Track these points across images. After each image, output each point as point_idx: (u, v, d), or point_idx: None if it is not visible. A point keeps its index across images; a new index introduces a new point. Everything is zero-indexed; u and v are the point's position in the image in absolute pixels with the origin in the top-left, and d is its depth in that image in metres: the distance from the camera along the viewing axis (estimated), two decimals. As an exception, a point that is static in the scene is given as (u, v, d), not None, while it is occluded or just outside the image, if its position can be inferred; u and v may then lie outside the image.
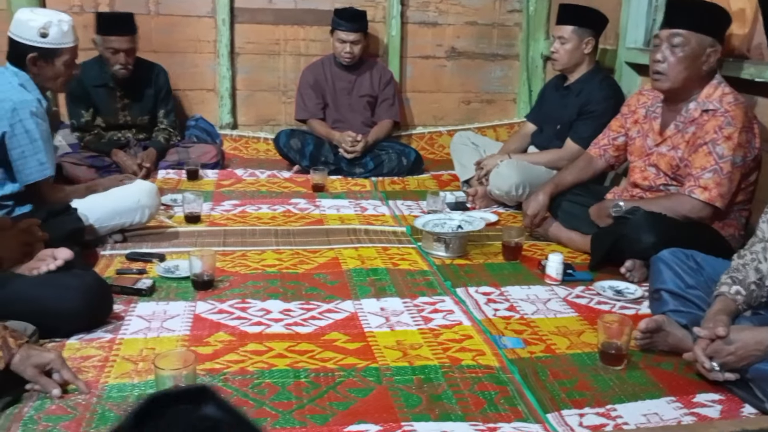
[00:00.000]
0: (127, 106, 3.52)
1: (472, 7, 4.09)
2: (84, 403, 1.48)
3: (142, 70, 3.51)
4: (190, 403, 0.64)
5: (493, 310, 2.07)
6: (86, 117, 3.45)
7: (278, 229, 2.73)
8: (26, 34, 2.35)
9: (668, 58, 2.24)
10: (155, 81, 3.59)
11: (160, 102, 3.62)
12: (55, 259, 1.83)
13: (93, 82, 3.40)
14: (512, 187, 2.94)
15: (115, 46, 3.32)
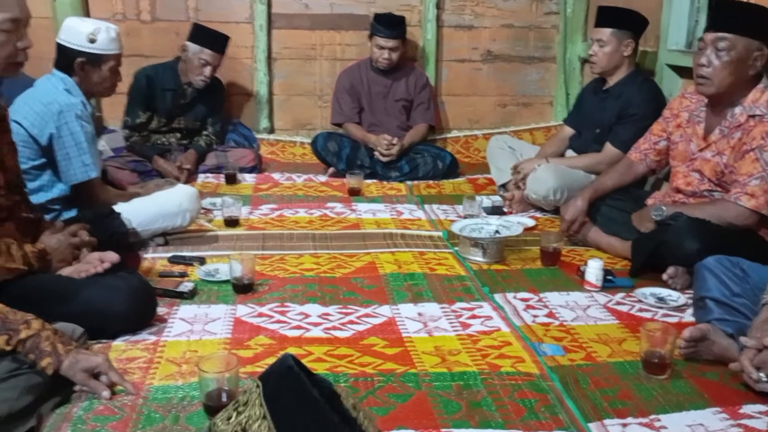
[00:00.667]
0: (185, 112, 3.62)
1: (509, 10, 4.06)
2: (130, 404, 1.51)
3: (209, 83, 3.59)
4: None
5: (531, 316, 2.05)
6: (141, 118, 3.54)
7: (315, 233, 2.75)
8: (75, 39, 2.43)
9: (713, 62, 2.19)
10: (215, 93, 3.70)
11: (213, 112, 3.71)
12: (102, 262, 1.88)
13: (164, 86, 3.52)
14: (550, 192, 2.91)
15: (208, 60, 3.47)
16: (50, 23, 3.68)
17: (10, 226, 1.81)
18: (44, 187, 2.42)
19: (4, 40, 1.68)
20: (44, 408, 1.46)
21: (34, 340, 1.47)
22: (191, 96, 3.59)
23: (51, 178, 2.43)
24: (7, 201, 1.81)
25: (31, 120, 2.34)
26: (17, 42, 1.71)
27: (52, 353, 1.47)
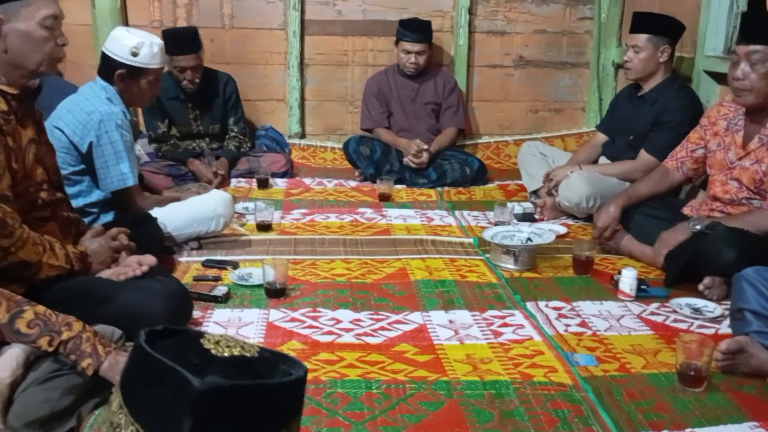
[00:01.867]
0: (199, 117, 3.65)
1: (542, 15, 4.04)
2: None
3: (210, 81, 3.62)
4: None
5: (564, 325, 2.03)
6: (162, 128, 3.60)
7: (346, 239, 2.77)
8: (118, 51, 2.48)
9: (749, 75, 2.17)
10: (223, 90, 3.70)
11: (230, 110, 3.73)
12: (141, 265, 1.92)
13: (167, 95, 3.53)
14: (582, 199, 2.89)
15: (182, 65, 3.45)
16: (90, 30, 3.78)
17: (53, 225, 1.86)
18: (83, 192, 2.48)
19: (47, 36, 1.73)
20: (84, 408, 1.50)
21: (75, 341, 1.50)
22: (198, 100, 3.59)
23: (89, 184, 2.49)
24: (49, 196, 1.85)
25: (73, 128, 2.40)
26: (58, 40, 1.76)
27: (92, 354, 1.50)
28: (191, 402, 0.68)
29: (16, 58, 1.71)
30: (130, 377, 0.75)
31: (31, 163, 1.77)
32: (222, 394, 0.69)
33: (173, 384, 0.69)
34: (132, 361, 0.76)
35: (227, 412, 0.70)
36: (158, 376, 0.71)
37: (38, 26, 1.71)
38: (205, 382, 0.68)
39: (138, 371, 0.74)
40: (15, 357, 1.47)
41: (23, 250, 1.66)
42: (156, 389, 0.71)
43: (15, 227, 1.64)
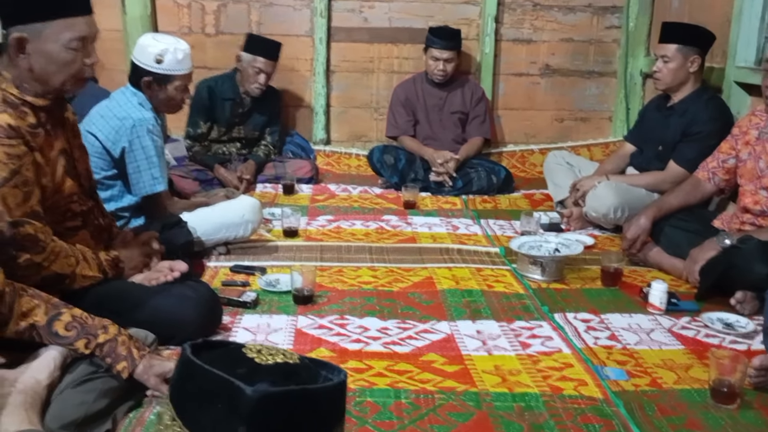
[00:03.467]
0: (243, 121, 3.71)
1: (569, 24, 4.02)
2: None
3: (266, 91, 3.68)
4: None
5: (593, 338, 2.02)
6: (202, 129, 3.65)
7: (372, 246, 2.77)
8: (144, 58, 2.52)
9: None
10: (273, 102, 3.79)
11: (271, 121, 3.79)
12: (172, 271, 1.94)
13: (223, 96, 3.62)
14: (610, 210, 2.86)
15: (261, 68, 3.54)
16: (121, 36, 3.84)
17: (85, 234, 1.88)
18: (115, 197, 2.52)
19: (72, 58, 1.69)
20: (119, 411, 1.52)
21: (111, 344, 1.53)
22: (249, 106, 3.68)
23: (121, 189, 2.53)
24: (81, 206, 1.87)
25: (106, 133, 2.44)
26: (85, 59, 1.73)
27: (127, 357, 1.52)
28: (245, 410, 0.70)
29: (40, 77, 1.69)
30: (181, 390, 0.76)
31: (60, 177, 1.77)
32: (273, 401, 0.71)
33: (226, 394, 0.71)
34: (182, 375, 0.77)
35: (279, 418, 0.72)
36: (211, 388, 0.73)
37: (63, 48, 1.67)
38: (257, 390, 0.70)
39: (189, 384, 0.75)
40: (52, 359, 1.49)
41: (56, 263, 1.68)
42: (209, 400, 0.72)
43: (47, 242, 1.66)
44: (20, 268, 1.61)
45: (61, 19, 1.66)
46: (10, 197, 1.59)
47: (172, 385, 0.78)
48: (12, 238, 1.59)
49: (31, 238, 1.63)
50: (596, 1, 4.00)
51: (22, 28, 1.64)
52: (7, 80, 1.68)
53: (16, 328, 1.48)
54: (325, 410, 0.77)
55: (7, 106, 1.64)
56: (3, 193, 1.57)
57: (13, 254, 1.60)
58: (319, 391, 0.76)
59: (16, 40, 1.64)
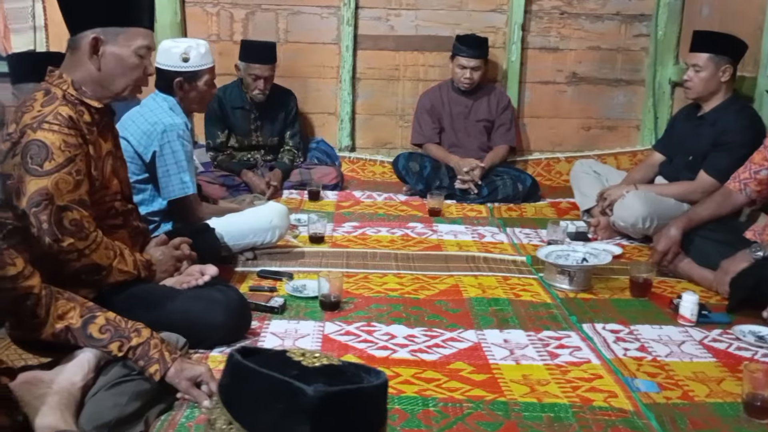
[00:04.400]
0: (260, 128, 3.73)
1: (596, 32, 4.00)
2: (228, 416, 1.57)
3: (276, 95, 3.71)
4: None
5: (622, 349, 2.00)
6: (221, 138, 3.68)
7: (398, 253, 2.78)
8: (170, 61, 2.57)
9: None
10: (286, 105, 3.79)
11: (289, 124, 3.81)
12: (203, 275, 1.96)
13: (233, 104, 3.64)
14: (639, 220, 2.83)
15: (257, 73, 3.55)
16: (151, 43, 3.90)
17: (123, 233, 1.94)
18: (145, 201, 2.55)
19: (138, 63, 1.82)
20: (151, 414, 1.54)
21: (143, 347, 1.55)
22: (261, 112, 3.68)
23: (152, 193, 2.56)
24: (122, 206, 1.94)
25: (138, 138, 2.48)
26: (147, 68, 1.85)
27: (159, 360, 1.55)
28: (306, 409, 0.73)
29: (105, 79, 1.80)
30: (235, 394, 0.78)
31: (108, 174, 1.86)
32: (332, 400, 0.74)
33: (286, 395, 0.74)
34: (235, 379, 0.79)
35: (337, 416, 0.74)
36: (269, 390, 0.75)
37: (132, 53, 1.80)
38: (317, 389, 0.73)
39: (245, 387, 0.77)
40: (87, 361, 1.52)
41: (96, 252, 1.75)
42: (268, 402, 0.75)
43: (90, 230, 1.73)
44: (63, 252, 1.68)
45: (135, 27, 1.81)
46: (63, 183, 1.67)
47: (224, 390, 0.79)
48: (59, 221, 1.66)
49: (77, 223, 1.70)
50: (624, 9, 3.98)
51: (100, 30, 1.76)
52: (67, 83, 1.77)
53: (52, 330, 1.51)
54: (375, 408, 0.80)
55: (67, 101, 1.74)
56: (57, 178, 1.66)
57: (59, 236, 1.66)
58: (370, 389, 0.78)
59: (93, 40, 1.75)
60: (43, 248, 1.66)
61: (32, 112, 1.70)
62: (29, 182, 1.65)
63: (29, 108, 1.72)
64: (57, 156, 1.66)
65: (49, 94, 1.75)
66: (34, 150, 1.65)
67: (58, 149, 1.67)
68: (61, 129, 1.68)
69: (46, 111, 1.70)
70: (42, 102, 1.73)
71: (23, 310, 1.46)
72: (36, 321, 1.48)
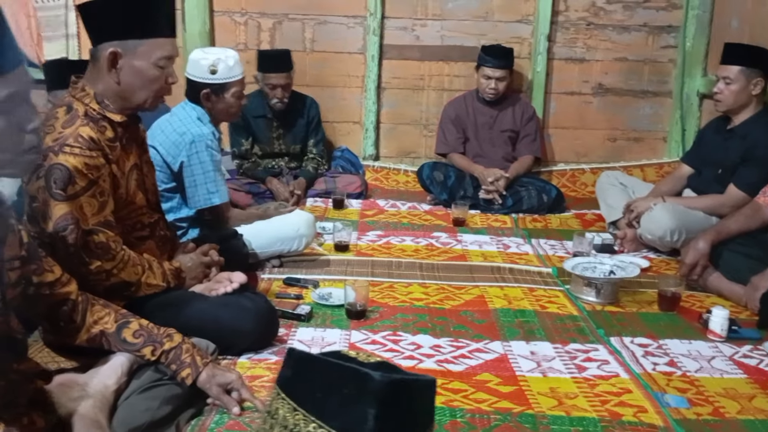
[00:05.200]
0: (282, 136, 3.76)
1: (623, 43, 3.98)
2: (258, 421, 1.58)
3: (296, 102, 3.74)
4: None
5: (651, 363, 1.98)
6: (246, 146, 3.72)
7: (423, 263, 2.78)
8: (198, 72, 2.60)
9: None
10: (307, 112, 3.82)
11: (311, 132, 3.83)
12: (231, 282, 1.98)
13: (254, 113, 3.67)
14: (667, 233, 2.81)
15: (273, 83, 3.58)
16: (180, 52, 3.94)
17: (150, 243, 1.95)
18: (173, 208, 2.59)
19: (158, 75, 1.79)
20: (182, 418, 1.56)
21: (176, 352, 1.57)
22: (282, 120, 3.71)
23: (180, 201, 2.60)
24: (149, 219, 1.94)
25: (167, 147, 2.52)
26: (168, 79, 1.83)
27: (191, 365, 1.56)
28: (374, 394, 0.78)
29: (125, 91, 1.77)
30: (298, 384, 0.84)
31: (133, 190, 1.84)
32: (398, 387, 0.80)
33: (353, 381, 0.79)
34: (298, 370, 0.85)
35: (402, 402, 0.80)
36: (334, 377, 0.81)
37: (152, 65, 1.76)
38: (384, 375, 0.78)
39: (309, 377, 0.83)
40: (120, 365, 1.54)
41: (124, 271, 1.76)
42: (334, 389, 0.80)
43: (117, 251, 1.74)
44: (91, 274, 1.69)
45: (153, 38, 1.76)
46: (87, 206, 1.67)
47: (286, 382, 0.85)
48: (85, 244, 1.66)
49: (103, 245, 1.70)
50: (652, 20, 3.95)
51: (118, 44, 1.73)
52: (90, 96, 1.76)
53: (87, 335, 1.53)
54: (429, 402, 0.86)
55: (89, 119, 1.73)
56: (81, 202, 1.66)
57: (86, 260, 1.67)
58: (426, 382, 0.85)
59: (111, 54, 1.73)
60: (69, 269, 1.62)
61: (53, 133, 1.68)
62: (54, 207, 1.64)
63: (51, 128, 1.69)
64: (80, 180, 1.65)
65: (70, 112, 1.72)
66: (56, 174, 1.63)
67: (80, 173, 1.65)
68: (82, 152, 1.66)
69: (67, 133, 1.67)
70: (63, 122, 1.70)
71: (60, 315, 1.49)
72: (72, 326, 1.51)
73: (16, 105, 1.11)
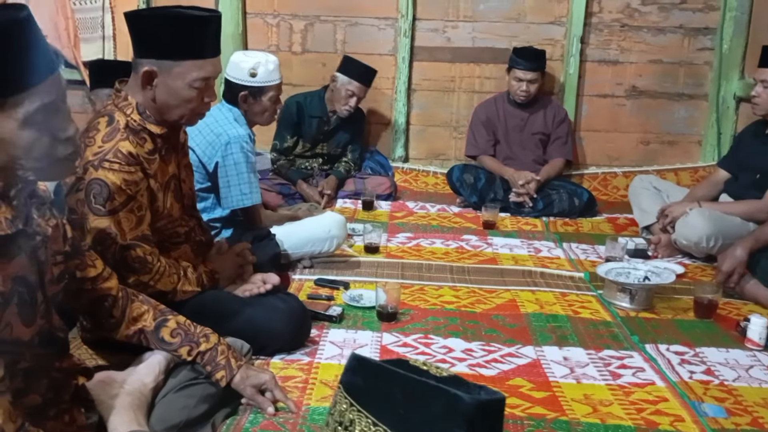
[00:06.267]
0: (328, 138, 3.79)
1: (658, 45, 3.92)
2: (292, 422, 1.60)
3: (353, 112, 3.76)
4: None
5: (688, 372, 1.94)
6: (288, 143, 3.75)
7: (453, 266, 2.77)
8: (238, 74, 2.63)
9: None
10: (357, 122, 3.87)
11: (353, 139, 3.86)
12: (265, 283, 2.00)
13: (311, 113, 3.71)
14: (702, 239, 2.76)
15: (354, 91, 3.62)
16: (213, 54, 4.00)
17: (186, 248, 1.95)
18: (208, 208, 2.62)
19: (193, 96, 1.75)
20: (217, 417, 1.58)
21: (211, 353, 1.58)
22: (335, 123, 3.76)
23: (214, 201, 2.63)
24: (184, 227, 1.94)
25: (203, 148, 2.55)
26: (205, 97, 1.79)
27: (226, 366, 1.58)
28: (464, 415, 0.82)
29: (161, 108, 1.76)
30: (382, 398, 0.87)
31: (170, 203, 1.85)
32: (485, 407, 0.84)
33: (442, 401, 0.83)
34: (379, 383, 0.88)
35: (486, 422, 0.85)
36: (424, 395, 0.84)
37: (186, 86, 1.73)
38: (473, 397, 0.83)
39: (393, 392, 0.85)
40: (157, 363, 1.56)
41: (160, 282, 1.78)
42: (422, 407, 0.84)
43: (154, 263, 1.76)
44: (128, 286, 1.69)
45: (193, 60, 1.72)
46: (125, 221, 1.69)
47: (357, 392, 0.87)
48: (123, 259, 1.70)
49: (140, 260, 1.73)
50: (688, 22, 3.89)
51: (154, 62, 1.72)
52: (131, 106, 1.76)
53: (126, 331, 1.56)
54: (502, 416, 0.92)
55: (129, 132, 1.72)
56: (119, 217, 1.68)
57: (123, 275, 1.68)
58: (503, 401, 0.91)
59: (146, 73, 1.72)
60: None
61: (93, 147, 1.69)
62: (92, 221, 1.66)
63: (91, 141, 1.70)
64: (118, 196, 1.66)
65: (111, 124, 1.72)
66: (96, 189, 1.65)
67: (119, 189, 1.66)
68: (121, 168, 1.67)
69: (107, 148, 1.68)
70: (103, 135, 1.70)
71: (101, 310, 1.52)
72: (112, 321, 1.54)
73: (49, 115, 1.11)
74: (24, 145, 1.10)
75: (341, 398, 0.85)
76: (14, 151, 1.10)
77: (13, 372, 1.14)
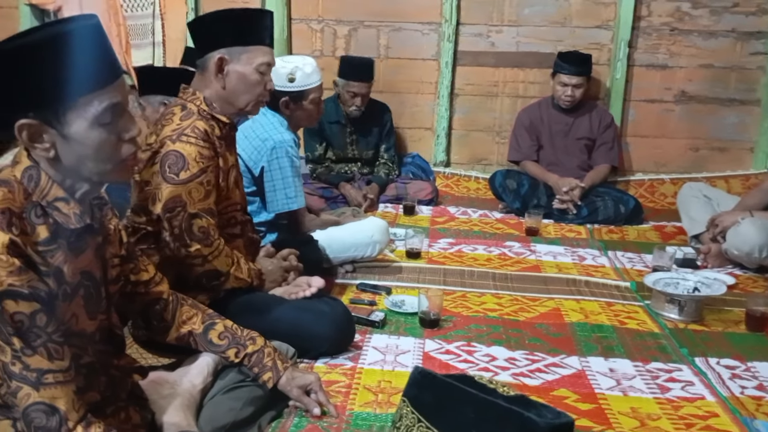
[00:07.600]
0: (355, 141, 3.81)
1: (708, 49, 3.83)
2: (335, 427, 1.61)
3: (371, 109, 3.78)
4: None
5: (739, 387, 1.89)
6: (319, 150, 3.79)
7: (495, 273, 2.75)
8: (277, 81, 2.64)
9: None
10: (381, 119, 3.86)
11: (384, 138, 3.87)
12: (310, 287, 2.03)
13: (329, 119, 3.73)
14: (755, 249, 2.68)
15: (355, 91, 3.63)
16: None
17: (239, 243, 2.05)
18: (253, 212, 2.63)
19: (258, 80, 1.93)
20: (263, 419, 1.60)
21: (258, 355, 1.61)
22: (356, 126, 3.76)
23: (259, 205, 2.67)
24: (242, 216, 2.07)
25: (249, 153, 2.60)
26: (267, 84, 1.96)
27: (272, 368, 1.61)
28: None
29: (230, 96, 1.93)
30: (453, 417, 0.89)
31: (232, 185, 1.98)
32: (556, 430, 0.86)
33: (515, 423, 0.86)
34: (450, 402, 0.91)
35: None
36: (496, 416, 0.87)
37: (254, 71, 1.92)
38: (545, 421, 0.85)
39: (464, 412, 0.88)
40: (206, 365, 1.60)
41: (218, 259, 1.87)
42: (494, 428, 0.87)
43: (215, 238, 1.86)
44: (190, 257, 1.83)
45: (256, 45, 1.92)
46: (195, 192, 1.82)
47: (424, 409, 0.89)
48: (189, 227, 1.81)
49: (204, 230, 1.84)
50: (740, 26, 3.78)
51: (225, 51, 1.89)
52: (200, 99, 1.92)
53: (176, 334, 1.60)
54: None
55: (201, 116, 1.89)
56: (190, 187, 1.81)
57: (187, 242, 1.82)
58: (572, 424, 0.94)
59: (219, 60, 1.89)
60: (171, 252, 1.81)
61: (171, 125, 1.86)
62: (165, 189, 1.80)
63: (169, 121, 1.88)
64: (192, 166, 1.80)
65: (185, 110, 1.90)
66: (171, 160, 1.80)
67: (194, 160, 1.80)
68: (197, 141, 1.82)
69: (185, 125, 1.85)
70: (180, 116, 1.88)
71: (153, 313, 1.56)
72: (163, 324, 1.58)
73: (115, 116, 1.18)
74: (92, 144, 1.16)
75: (408, 412, 0.87)
76: (83, 150, 1.16)
77: (77, 368, 1.18)
